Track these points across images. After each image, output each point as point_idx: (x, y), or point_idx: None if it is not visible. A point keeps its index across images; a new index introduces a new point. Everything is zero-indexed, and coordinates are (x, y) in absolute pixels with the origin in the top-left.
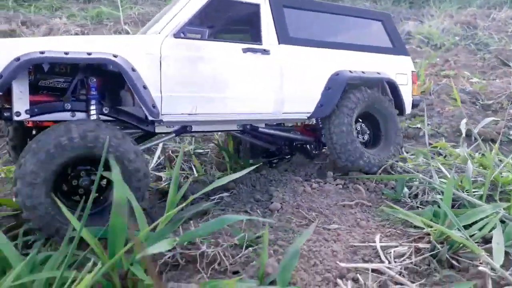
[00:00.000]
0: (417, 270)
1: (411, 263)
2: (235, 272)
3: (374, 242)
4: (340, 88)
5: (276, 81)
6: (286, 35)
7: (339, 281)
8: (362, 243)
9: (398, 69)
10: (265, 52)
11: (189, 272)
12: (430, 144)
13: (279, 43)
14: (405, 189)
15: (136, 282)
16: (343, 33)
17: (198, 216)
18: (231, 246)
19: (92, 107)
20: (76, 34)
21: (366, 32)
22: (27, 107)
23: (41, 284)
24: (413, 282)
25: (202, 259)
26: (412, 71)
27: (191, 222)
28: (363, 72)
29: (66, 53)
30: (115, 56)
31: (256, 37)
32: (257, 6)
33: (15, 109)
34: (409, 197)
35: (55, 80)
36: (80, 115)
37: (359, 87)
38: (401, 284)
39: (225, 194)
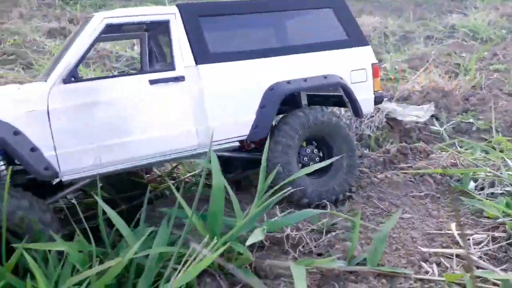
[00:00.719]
0: (496, 257)
1: (490, 250)
2: (319, 254)
3: (450, 230)
4: (275, 104)
5: (197, 110)
6: (204, 53)
7: (423, 264)
8: (438, 231)
9: (353, 65)
10: (177, 79)
11: (275, 253)
12: (485, 139)
13: (196, 64)
14: (471, 182)
15: (231, 258)
16: (280, 34)
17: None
18: (311, 231)
19: None
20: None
21: (311, 26)
22: None
23: (155, 258)
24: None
25: (287, 241)
26: (373, 64)
27: (276, 207)
28: (304, 80)
29: None
30: None
31: (167, 62)
32: (165, 23)
33: None
34: (475, 190)
35: None
36: None
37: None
38: (483, 268)
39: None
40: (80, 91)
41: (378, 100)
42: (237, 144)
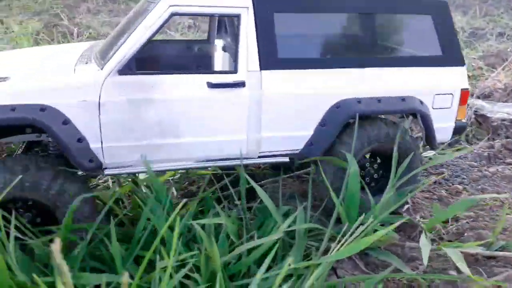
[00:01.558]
0: None
1: None
2: (449, 241)
3: None
4: (337, 126)
5: (252, 119)
6: (272, 57)
7: None
8: None
9: (440, 88)
10: (238, 85)
11: (403, 238)
12: None
13: (261, 69)
14: None
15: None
16: (363, 40)
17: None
18: None
19: None
20: (189, 26)
21: (402, 35)
22: None
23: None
24: None
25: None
26: (463, 89)
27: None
28: (378, 101)
29: None
30: (42, 109)
31: (230, 63)
32: (236, 18)
33: None
34: None
35: None
36: None
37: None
38: None
39: None
40: (134, 84)
41: (458, 131)
42: (288, 158)
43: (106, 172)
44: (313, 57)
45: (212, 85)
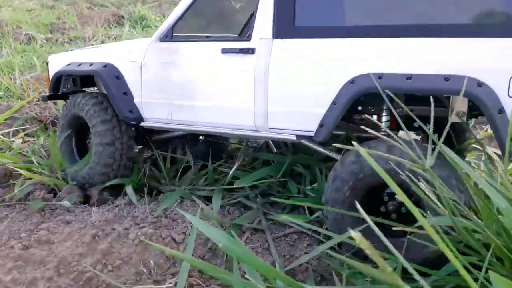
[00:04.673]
0: None
1: None
2: None
3: None
4: (344, 104)
5: (258, 89)
6: (287, 25)
7: None
8: None
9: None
10: (248, 51)
11: None
12: None
13: (273, 37)
14: None
15: None
16: (401, 3)
17: None
18: None
19: None
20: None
21: None
22: None
23: None
24: None
25: None
26: None
27: None
28: (408, 78)
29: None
30: (105, 66)
31: (246, 31)
32: None
33: None
34: None
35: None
36: None
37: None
38: None
39: None
40: (167, 50)
41: None
42: (301, 138)
43: (143, 123)
44: (333, 25)
45: (225, 50)
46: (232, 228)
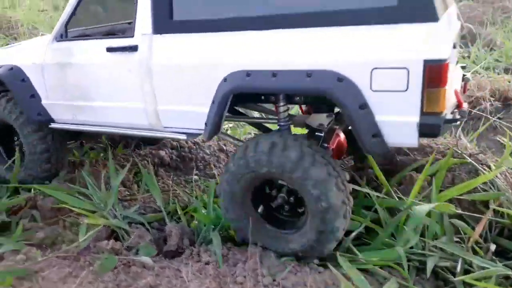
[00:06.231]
0: None
1: None
2: None
3: None
4: (221, 103)
5: (145, 87)
6: (165, 20)
7: None
8: None
9: (382, 57)
10: (131, 49)
11: None
12: None
13: (153, 33)
14: None
15: None
16: None
17: None
18: None
19: None
20: None
21: None
22: None
23: None
24: None
25: None
26: (429, 61)
27: None
28: (273, 75)
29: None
30: (10, 68)
31: (129, 28)
32: None
33: None
34: None
35: None
36: None
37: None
38: None
39: None
40: (62, 50)
41: (429, 131)
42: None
43: (52, 125)
44: (207, 19)
45: (110, 49)
46: None
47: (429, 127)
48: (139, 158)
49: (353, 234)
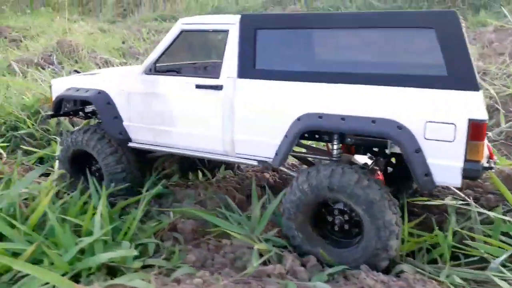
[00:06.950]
0: None
1: None
2: None
3: None
4: (293, 137)
5: (226, 120)
6: (249, 67)
7: None
8: None
9: (434, 114)
10: (217, 88)
11: None
12: None
13: (238, 77)
14: None
15: None
16: (344, 55)
17: None
18: None
19: None
20: None
21: (392, 50)
22: None
23: None
24: None
25: None
26: (473, 120)
27: None
28: (342, 119)
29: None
30: (99, 92)
31: (216, 70)
32: (225, 33)
33: None
34: None
35: None
36: None
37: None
38: None
39: None
40: (149, 81)
41: (470, 174)
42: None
43: (130, 144)
44: (289, 70)
45: (198, 86)
46: None
47: (471, 171)
48: (246, 181)
49: (501, 258)
